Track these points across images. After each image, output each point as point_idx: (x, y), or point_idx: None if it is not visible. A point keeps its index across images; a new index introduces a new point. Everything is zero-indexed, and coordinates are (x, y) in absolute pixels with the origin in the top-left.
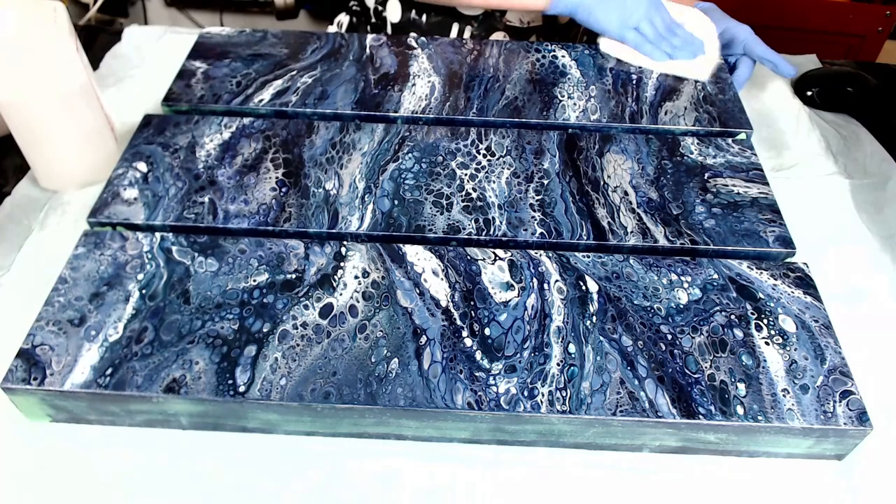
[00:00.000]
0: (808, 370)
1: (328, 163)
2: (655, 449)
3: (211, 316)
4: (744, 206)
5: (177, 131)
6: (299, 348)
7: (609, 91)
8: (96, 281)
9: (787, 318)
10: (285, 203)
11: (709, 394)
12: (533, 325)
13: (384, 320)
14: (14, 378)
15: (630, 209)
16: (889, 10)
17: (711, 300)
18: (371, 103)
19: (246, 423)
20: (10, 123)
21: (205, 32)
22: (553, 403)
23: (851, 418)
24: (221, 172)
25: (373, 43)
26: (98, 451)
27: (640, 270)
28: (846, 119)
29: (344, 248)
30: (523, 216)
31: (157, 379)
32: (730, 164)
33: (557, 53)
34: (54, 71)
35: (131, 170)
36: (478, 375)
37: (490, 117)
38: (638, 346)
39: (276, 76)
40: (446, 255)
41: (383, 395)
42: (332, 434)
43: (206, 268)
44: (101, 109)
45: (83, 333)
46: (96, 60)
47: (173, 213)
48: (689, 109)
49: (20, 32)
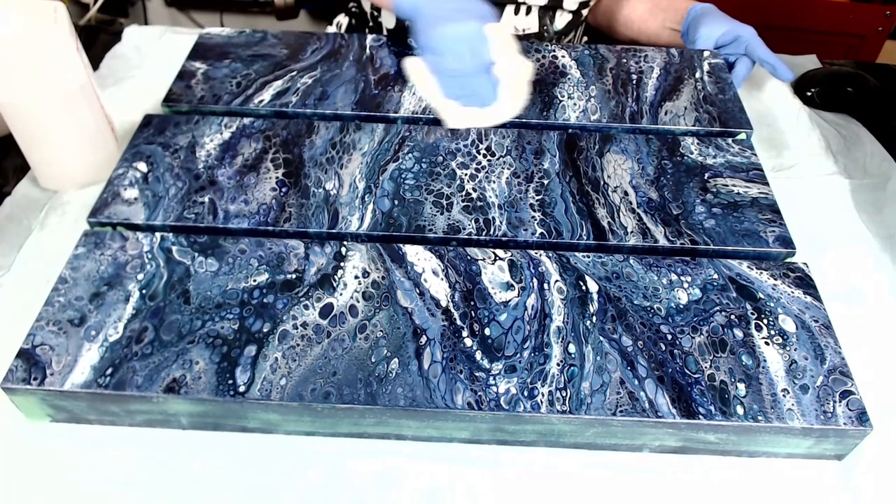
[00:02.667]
0: (808, 370)
1: (328, 163)
2: (655, 449)
3: (211, 316)
4: (744, 206)
5: (177, 131)
6: (299, 348)
7: (609, 91)
8: (96, 281)
9: (787, 318)
10: (285, 203)
11: (709, 394)
12: (533, 325)
13: (384, 320)
14: (14, 378)
15: (630, 209)
16: (889, 10)
17: (711, 300)
18: (371, 104)
19: (246, 422)
20: (10, 123)
21: (205, 33)
22: (553, 403)
23: (851, 418)
24: (221, 172)
25: (373, 43)
26: (98, 450)
27: (640, 270)
28: (846, 119)
29: (344, 248)
30: (523, 216)
31: (157, 379)
32: (730, 164)
33: (557, 53)
34: (54, 71)
35: (131, 170)
36: (478, 375)
37: None
38: (638, 346)
39: (276, 77)
40: (446, 255)
41: (383, 395)
42: (332, 434)
43: (206, 268)
44: (101, 109)
45: (83, 333)
46: (96, 60)
47: (173, 213)
48: (689, 109)
49: (20, 32)
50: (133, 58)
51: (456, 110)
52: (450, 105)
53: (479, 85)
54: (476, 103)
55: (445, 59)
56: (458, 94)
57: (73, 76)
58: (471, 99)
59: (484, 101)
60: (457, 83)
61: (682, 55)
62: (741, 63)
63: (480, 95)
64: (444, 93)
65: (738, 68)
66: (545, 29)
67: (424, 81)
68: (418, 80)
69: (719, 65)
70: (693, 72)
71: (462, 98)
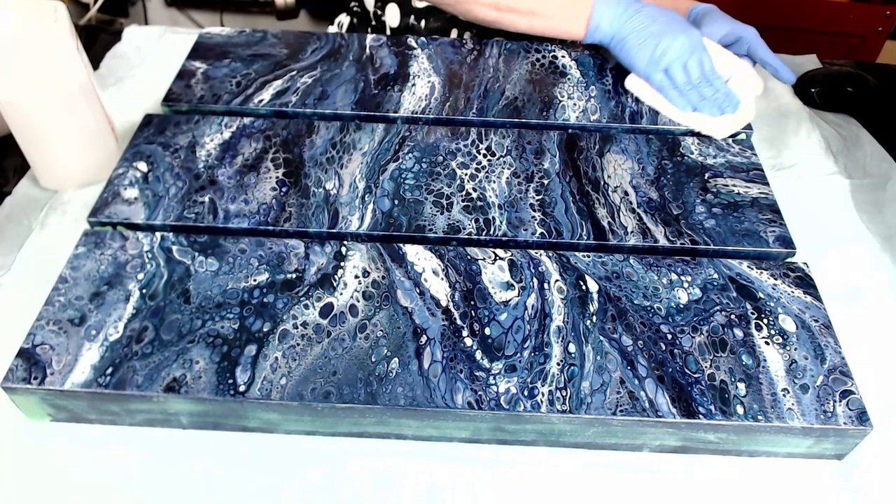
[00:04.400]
0: (808, 370)
1: (328, 162)
2: (655, 448)
3: (211, 315)
4: (744, 206)
5: (177, 131)
6: (299, 348)
7: (609, 91)
8: (97, 280)
9: (787, 317)
10: (285, 203)
11: (709, 393)
12: (533, 325)
13: (384, 320)
14: (14, 377)
15: (630, 209)
16: (889, 10)
17: (711, 300)
18: (371, 103)
19: (246, 422)
20: (11, 123)
21: (205, 32)
22: (553, 403)
23: (851, 418)
24: (222, 172)
25: (373, 43)
26: (98, 450)
27: (640, 270)
28: (846, 119)
29: (344, 247)
30: (523, 216)
31: (157, 378)
32: (730, 164)
33: (557, 54)
34: (54, 71)
35: (132, 169)
36: (478, 375)
37: (490, 117)
38: (638, 345)
39: (276, 76)
40: (446, 255)
41: (383, 394)
42: (332, 434)
43: (206, 267)
44: (102, 109)
45: (83, 333)
46: (96, 60)
47: (173, 213)
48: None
49: (20, 32)
50: (133, 58)
51: (709, 121)
52: (698, 118)
53: (713, 90)
54: (713, 110)
55: (672, 71)
56: (694, 103)
57: (73, 76)
58: (708, 105)
59: (722, 108)
60: (691, 93)
61: None
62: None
63: (717, 102)
64: (676, 105)
65: None
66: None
67: (653, 97)
68: (646, 96)
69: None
70: None
71: (698, 106)
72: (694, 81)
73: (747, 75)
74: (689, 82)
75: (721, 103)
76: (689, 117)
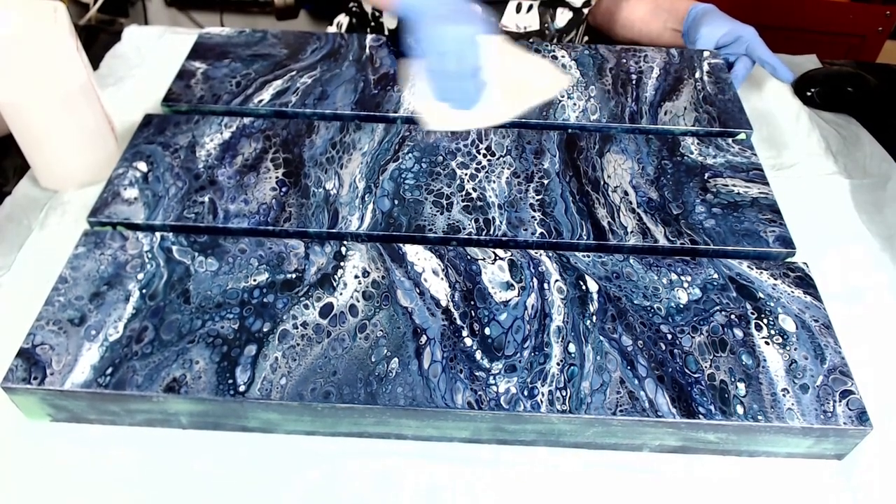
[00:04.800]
0: (807, 370)
1: (328, 162)
2: (655, 448)
3: (211, 315)
4: (744, 206)
5: (177, 131)
6: (299, 348)
7: (609, 91)
8: (96, 280)
9: (786, 317)
10: (285, 203)
11: (709, 393)
12: (533, 325)
13: (384, 320)
14: (14, 377)
15: (630, 209)
16: (889, 10)
17: (711, 300)
18: (371, 103)
19: (246, 422)
20: (10, 123)
21: (204, 33)
22: (553, 403)
23: (851, 418)
24: (221, 172)
25: (372, 43)
26: (98, 450)
27: (640, 270)
28: (846, 119)
29: (344, 247)
30: (523, 216)
31: (157, 378)
32: (730, 164)
33: (557, 53)
34: (54, 71)
35: (131, 169)
36: (478, 375)
37: None
38: (638, 345)
39: (275, 76)
40: (446, 255)
41: (383, 394)
42: (332, 434)
43: (206, 267)
44: (101, 109)
45: (83, 333)
46: (96, 60)
47: (173, 213)
48: (688, 109)
49: (20, 32)
50: (133, 58)
51: (437, 111)
52: (434, 106)
53: (465, 87)
54: (458, 105)
55: (445, 58)
56: (446, 95)
57: (73, 76)
58: (455, 100)
59: (465, 104)
60: (448, 84)
61: (682, 55)
62: (741, 63)
63: (463, 98)
64: (433, 93)
65: (738, 68)
66: (546, 27)
67: (414, 81)
68: (410, 80)
69: (719, 65)
70: (693, 72)
71: (449, 100)
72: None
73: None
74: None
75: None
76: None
